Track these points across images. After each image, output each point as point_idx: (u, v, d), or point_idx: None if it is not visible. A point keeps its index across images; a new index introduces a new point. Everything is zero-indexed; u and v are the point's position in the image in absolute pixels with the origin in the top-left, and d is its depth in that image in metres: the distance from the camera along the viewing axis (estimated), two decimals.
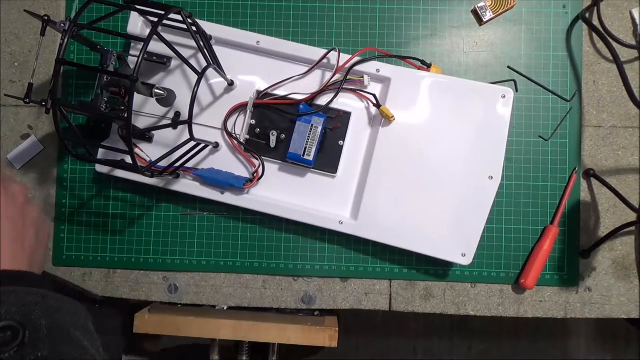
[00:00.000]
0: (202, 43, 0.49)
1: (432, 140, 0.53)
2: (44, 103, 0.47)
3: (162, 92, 0.51)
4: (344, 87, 0.54)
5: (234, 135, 0.55)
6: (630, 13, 0.58)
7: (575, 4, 0.58)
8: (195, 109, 0.55)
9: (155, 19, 0.43)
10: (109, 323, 0.63)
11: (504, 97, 0.53)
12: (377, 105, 0.53)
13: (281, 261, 0.58)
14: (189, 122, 0.47)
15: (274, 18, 0.59)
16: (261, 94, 0.55)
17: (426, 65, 0.56)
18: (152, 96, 0.51)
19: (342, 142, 0.55)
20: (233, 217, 0.58)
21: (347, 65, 0.53)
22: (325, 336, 0.56)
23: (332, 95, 0.54)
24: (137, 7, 0.45)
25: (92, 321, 0.35)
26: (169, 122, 0.55)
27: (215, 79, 0.56)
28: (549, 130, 0.58)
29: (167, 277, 0.59)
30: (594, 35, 0.58)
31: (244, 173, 0.56)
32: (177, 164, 0.51)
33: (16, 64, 0.61)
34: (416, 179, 0.53)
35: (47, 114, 0.51)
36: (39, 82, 0.60)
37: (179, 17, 0.46)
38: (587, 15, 0.57)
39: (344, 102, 0.55)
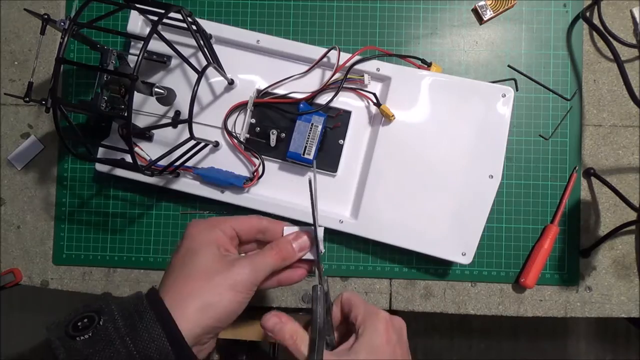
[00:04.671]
0: (202, 42, 0.49)
1: (433, 139, 0.53)
2: (43, 102, 0.47)
3: (162, 91, 0.51)
4: (344, 85, 0.54)
5: (234, 134, 0.55)
6: (631, 12, 0.58)
7: (575, 3, 0.58)
8: (195, 108, 0.55)
9: (155, 18, 0.43)
10: None
11: (504, 96, 0.53)
12: (378, 104, 0.53)
13: None
14: (189, 121, 0.47)
15: (274, 17, 0.59)
16: (261, 93, 0.55)
17: (426, 64, 0.56)
18: (152, 95, 0.51)
19: (342, 141, 0.55)
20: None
21: (347, 64, 0.53)
22: None
23: (332, 94, 0.54)
24: (137, 5, 0.45)
25: None
26: (169, 121, 0.56)
27: (215, 78, 0.56)
28: (549, 129, 0.58)
29: None
30: (595, 34, 0.58)
31: (244, 172, 0.56)
32: (177, 163, 0.51)
33: (16, 62, 0.61)
34: (416, 178, 0.53)
35: (47, 113, 0.51)
36: (39, 81, 0.60)
37: (178, 16, 0.46)
38: (588, 14, 0.57)
39: (344, 100, 0.55)
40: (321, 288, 0.39)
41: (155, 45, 0.54)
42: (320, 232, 0.41)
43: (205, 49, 0.49)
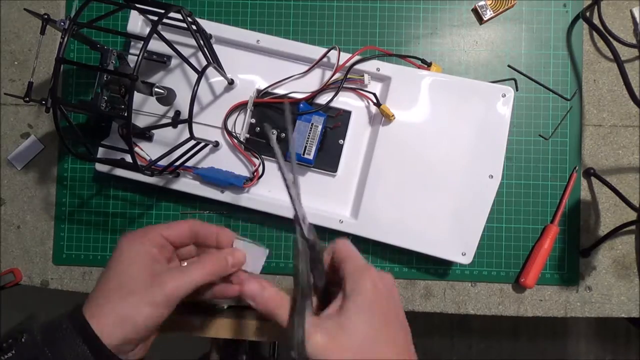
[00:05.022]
0: (202, 42, 0.49)
1: (433, 139, 0.53)
2: (43, 102, 0.47)
3: (162, 91, 0.51)
4: (344, 85, 0.54)
5: (234, 134, 0.55)
6: (631, 12, 0.58)
7: (575, 3, 0.58)
8: (195, 108, 0.55)
9: (155, 18, 0.43)
10: None
11: (504, 95, 0.53)
12: (377, 104, 0.53)
13: (281, 260, 0.58)
14: (189, 121, 0.47)
15: (274, 17, 0.59)
16: (261, 93, 0.55)
17: (426, 64, 0.56)
18: (152, 95, 0.51)
19: (342, 141, 0.55)
20: (233, 216, 0.58)
21: (347, 64, 0.53)
22: None
23: (332, 94, 0.54)
24: (137, 5, 0.45)
25: None
26: (169, 121, 0.55)
27: (215, 78, 0.56)
28: (549, 129, 0.58)
29: None
30: (595, 34, 0.58)
31: (244, 172, 0.56)
32: (177, 163, 0.51)
33: (16, 62, 0.61)
34: (416, 178, 0.53)
35: (47, 113, 0.51)
36: (39, 80, 0.60)
37: (178, 16, 0.46)
38: (588, 14, 0.57)
39: (344, 100, 0.55)
40: (302, 242, 0.34)
41: (155, 45, 0.54)
42: (261, 253, 0.41)
43: (205, 49, 0.49)
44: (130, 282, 0.37)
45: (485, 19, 0.58)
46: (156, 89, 0.50)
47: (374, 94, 0.53)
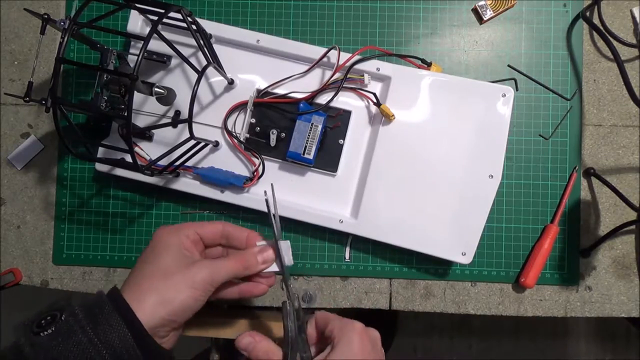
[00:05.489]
0: (202, 42, 0.49)
1: (433, 139, 0.53)
2: (43, 102, 0.47)
3: (162, 91, 0.51)
4: (344, 85, 0.54)
5: (234, 134, 0.55)
6: (631, 12, 0.58)
7: (575, 3, 0.58)
8: (195, 108, 0.55)
9: (155, 18, 0.43)
10: None
11: (504, 95, 0.53)
12: (378, 104, 0.53)
13: None
14: (189, 121, 0.47)
15: (274, 17, 0.59)
16: (261, 93, 0.55)
17: (426, 64, 0.56)
18: (152, 95, 0.51)
19: (342, 140, 0.55)
20: (233, 215, 0.58)
21: (347, 64, 0.53)
22: None
23: (332, 93, 0.54)
24: (137, 5, 0.45)
25: None
26: (169, 120, 0.55)
27: (215, 78, 0.56)
28: (549, 129, 0.58)
29: None
30: (595, 33, 0.58)
31: (244, 172, 0.56)
32: (177, 163, 0.51)
33: (16, 62, 0.61)
34: (416, 178, 0.53)
35: (47, 113, 0.51)
36: (39, 80, 0.60)
37: (178, 16, 0.46)
38: (588, 13, 0.57)
39: (344, 100, 0.55)
40: (290, 303, 0.41)
41: (155, 45, 0.54)
42: (287, 246, 0.44)
43: (205, 49, 0.49)
44: (169, 266, 0.39)
45: (485, 18, 0.58)
46: (156, 89, 0.50)
47: (374, 94, 0.53)
